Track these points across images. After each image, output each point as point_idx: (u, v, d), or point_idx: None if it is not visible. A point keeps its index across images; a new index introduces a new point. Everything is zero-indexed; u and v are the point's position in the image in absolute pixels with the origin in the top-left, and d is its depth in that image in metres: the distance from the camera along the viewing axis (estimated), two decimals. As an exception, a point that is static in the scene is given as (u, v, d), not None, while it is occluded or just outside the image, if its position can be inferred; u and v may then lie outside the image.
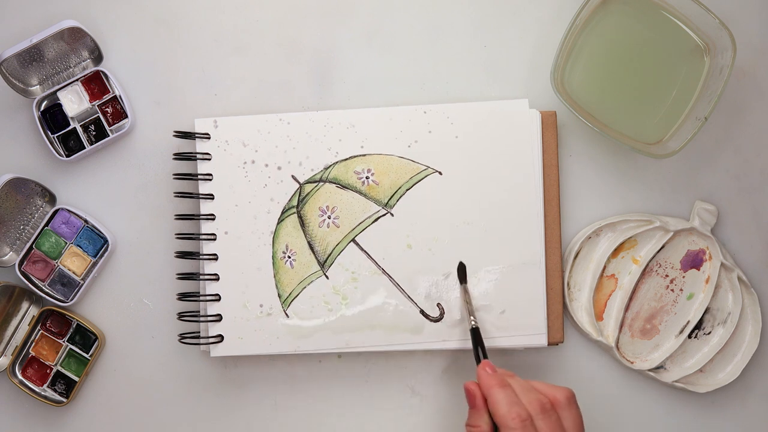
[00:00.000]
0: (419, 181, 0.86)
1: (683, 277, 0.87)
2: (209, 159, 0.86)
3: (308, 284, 0.86)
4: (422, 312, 0.85)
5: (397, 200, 0.86)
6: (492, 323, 0.85)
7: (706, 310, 0.87)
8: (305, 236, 0.85)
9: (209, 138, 0.86)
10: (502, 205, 0.85)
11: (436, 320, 0.85)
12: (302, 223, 0.86)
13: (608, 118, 0.85)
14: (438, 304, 0.85)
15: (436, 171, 0.86)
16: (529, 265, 0.85)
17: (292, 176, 0.86)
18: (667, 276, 0.87)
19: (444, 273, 0.85)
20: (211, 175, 0.86)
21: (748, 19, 0.88)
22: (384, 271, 0.85)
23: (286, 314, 0.85)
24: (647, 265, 0.87)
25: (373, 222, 0.86)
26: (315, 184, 0.86)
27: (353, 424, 0.88)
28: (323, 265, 0.85)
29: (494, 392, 0.75)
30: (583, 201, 0.88)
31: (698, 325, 0.87)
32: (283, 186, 0.86)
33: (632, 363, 0.87)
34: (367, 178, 0.86)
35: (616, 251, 0.87)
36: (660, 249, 0.87)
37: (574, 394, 0.76)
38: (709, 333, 0.87)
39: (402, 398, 0.88)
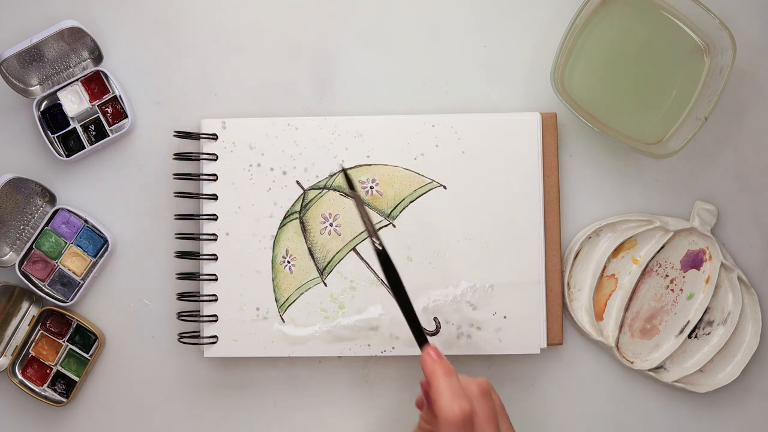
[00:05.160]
0: (423, 194, 0.86)
1: (683, 277, 0.87)
2: (215, 159, 0.86)
3: (306, 290, 0.85)
4: None
5: (400, 212, 0.86)
6: (487, 341, 0.84)
7: (706, 310, 0.87)
8: (306, 242, 0.85)
9: (216, 139, 0.86)
10: (505, 222, 0.85)
11: (432, 334, 0.85)
12: (304, 229, 0.86)
13: (608, 118, 0.85)
14: (435, 318, 0.85)
15: (441, 185, 0.86)
16: (529, 285, 0.85)
17: (297, 182, 0.86)
18: (667, 276, 0.87)
19: (443, 287, 0.85)
20: (215, 175, 0.86)
21: (748, 19, 0.88)
22: (383, 282, 0.85)
23: (282, 319, 0.85)
24: (647, 265, 0.87)
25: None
26: (319, 191, 0.86)
27: (353, 424, 0.88)
28: (322, 272, 0.85)
29: (436, 381, 0.71)
30: (583, 201, 0.88)
31: (698, 325, 0.87)
32: (287, 191, 0.86)
33: (632, 363, 0.87)
34: (371, 188, 0.86)
35: (616, 251, 0.87)
36: (660, 249, 0.87)
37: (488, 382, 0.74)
38: (709, 333, 0.87)
39: (402, 398, 0.88)
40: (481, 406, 0.71)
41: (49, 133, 0.87)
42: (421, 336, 0.75)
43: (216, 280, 0.86)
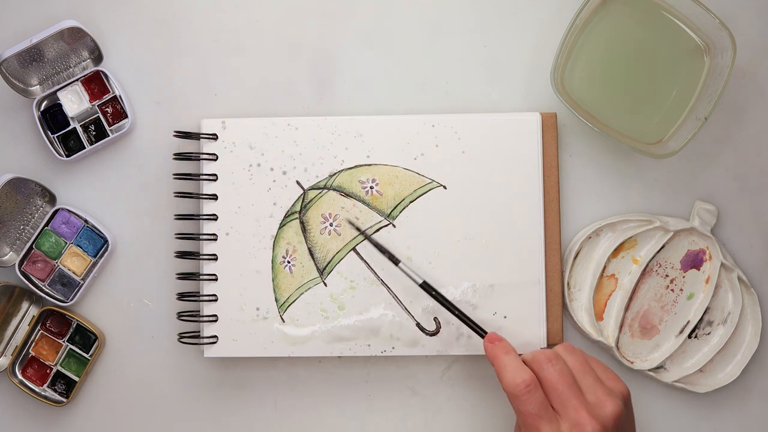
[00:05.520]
0: (423, 194, 0.86)
1: (683, 277, 0.87)
2: (215, 159, 0.86)
3: (306, 290, 0.85)
4: (418, 325, 0.85)
5: (400, 212, 0.86)
6: None
7: (706, 310, 0.87)
8: (306, 242, 0.85)
9: (216, 139, 0.86)
10: (505, 222, 0.85)
11: (432, 334, 0.85)
12: (304, 229, 0.86)
13: (608, 118, 0.85)
14: (435, 318, 0.85)
15: (441, 185, 0.86)
16: (529, 285, 0.85)
17: (297, 182, 0.86)
18: (667, 276, 0.87)
19: (443, 287, 0.85)
20: (215, 175, 0.86)
21: (748, 19, 0.88)
22: (383, 282, 0.85)
23: (282, 319, 0.85)
24: (647, 265, 0.87)
25: (375, 232, 0.85)
26: (319, 191, 0.86)
27: (353, 424, 0.88)
28: (322, 272, 0.85)
29: (497, 361, 0.77)
30: (583, 201, 0.88)
31: (698, 325, 0.87)
32: (287, 191, 0.86)
33: (632, 363, 0.87)
34: (371, 188, 0.86)
35: (616, 251, 0.87)
36: (660, 249, 0.87)
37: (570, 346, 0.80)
38: (709, 333, 0.87)
39: (402, 398, 0.88)
40: (549, 372, 0.75)
41: (49, 133, 0.87)
42: (478, 329, 0.82)
43: (216, 280, 0.86)
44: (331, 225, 0.85)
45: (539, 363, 0.76)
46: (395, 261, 0.84)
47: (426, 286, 0.83)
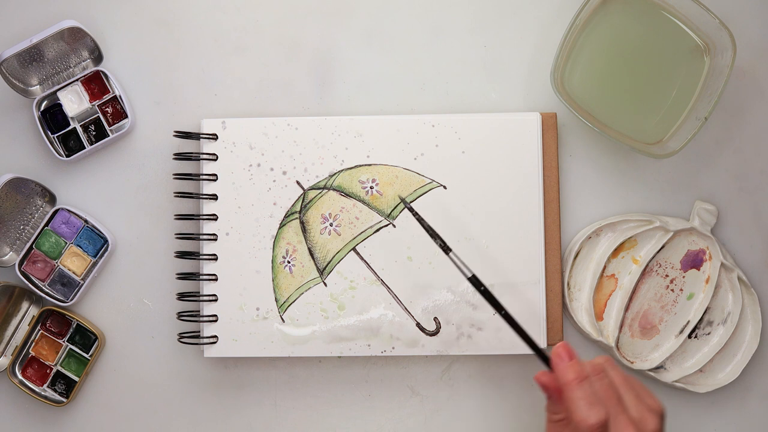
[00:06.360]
0: (423, 194, 0.86)
1: (683, 277, 0.87)
2: (215, 159, 0.86)
3: (306, 290, 0.85)
4: (418, 325, 0.85)
5: (400, 212, 0.86)
6: (487, 341, 0.84)
7: (706, 310, 0.87)
8: (306, 242, 0.85)
9: (216, 139, 0.86)
10: (505, 222, 0.85)
11: (432, 334, 0.85)
12: (304, 229, 0.86)
13: (608, 118, 0.85)
14: (435, 318, 0.85)
15: (441, 185, 0.86)
16: (529, 285, 0.85)
17: (297, 182, 0.86)
18: (667, 276, 0.87)
19: (443, 287, 0.85)
20: (216, 175, 0.86)
21: (748, 19, 0.88)
22: (383, 282, 0.85)
23: (282, 319, 0.85)
24: (647, 265, 0.87)
25: (375, 232, 0.85)
26: (319, 191, 0.86)
27: (353, 424, 0.88)
28: (322, 272, 0.85)
29: (570, 390, 0.73)
30: (583, 201, 0.88)
31: (698, 325, 0.87)
32: (287, 191, 0.86)
33: (632, 363, 0.87)
34: (371, 188, 0.86)
35: (616, 251, 0.87)
36: (660, 249, 0.87)
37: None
38: (709, 333, 0.87)
39: (402, 398, 0.88)
40: (596, 386, 0.73)
41: (49, 133, 0.87)
42: (541, 353, 0.77)
43: (216, 280, 0.86)
44: (331, 225, 0.86)
45: (608, 399, 0.73)
46: (446, 249, 0.81)
47: (474, 280, 0.79)
